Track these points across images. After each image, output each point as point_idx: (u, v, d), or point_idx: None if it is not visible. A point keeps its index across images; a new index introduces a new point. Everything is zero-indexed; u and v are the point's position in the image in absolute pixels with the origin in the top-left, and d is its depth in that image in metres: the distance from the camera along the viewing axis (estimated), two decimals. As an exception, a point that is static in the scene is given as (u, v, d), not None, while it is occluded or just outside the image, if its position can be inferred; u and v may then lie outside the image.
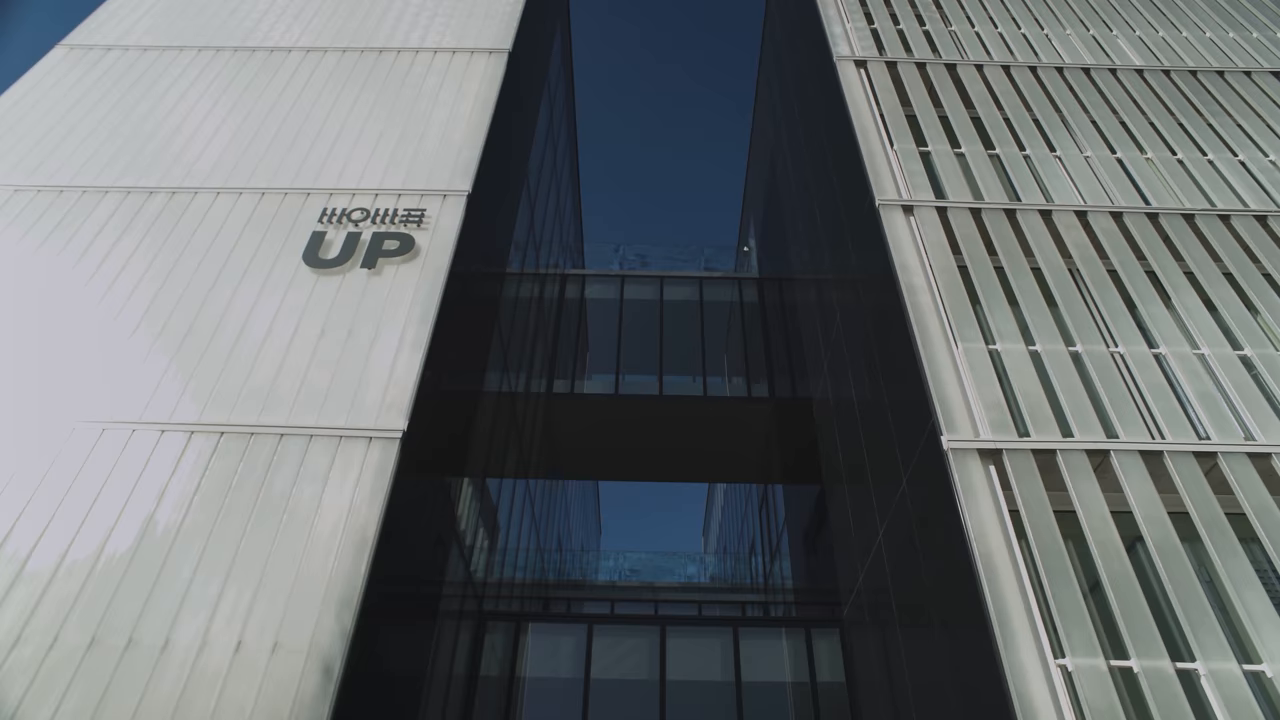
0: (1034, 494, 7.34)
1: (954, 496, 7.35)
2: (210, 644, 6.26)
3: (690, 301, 21.54)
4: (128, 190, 10.40)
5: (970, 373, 8.33)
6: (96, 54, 12.86)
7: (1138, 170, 10.84)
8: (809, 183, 14.57)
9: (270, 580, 6.66)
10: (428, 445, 8.83)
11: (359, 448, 7.64)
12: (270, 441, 7.70)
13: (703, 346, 20.36)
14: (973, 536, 7.00)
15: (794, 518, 18.41)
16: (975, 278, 9.36)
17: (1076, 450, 7.64)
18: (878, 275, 10.12)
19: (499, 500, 14.07)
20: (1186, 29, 13.82)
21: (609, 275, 21.93)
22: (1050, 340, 8.71)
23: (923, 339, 8.65)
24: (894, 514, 9.11)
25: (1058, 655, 6.34)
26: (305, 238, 9.71)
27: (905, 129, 11.45)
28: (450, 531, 10.06)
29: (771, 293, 21.08)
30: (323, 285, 9.23)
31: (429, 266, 9.40)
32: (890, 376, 9.60)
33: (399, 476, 7.53)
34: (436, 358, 8.82)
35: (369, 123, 11.54)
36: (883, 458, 9.63)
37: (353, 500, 7.20)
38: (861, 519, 10.46)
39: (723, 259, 23.00)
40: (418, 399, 8.11)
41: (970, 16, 13.98)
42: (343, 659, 6.11)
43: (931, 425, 8.01)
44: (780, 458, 18.54)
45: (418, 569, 8.77)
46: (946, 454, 7.65)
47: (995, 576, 6.76)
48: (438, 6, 14.14)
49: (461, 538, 10.80)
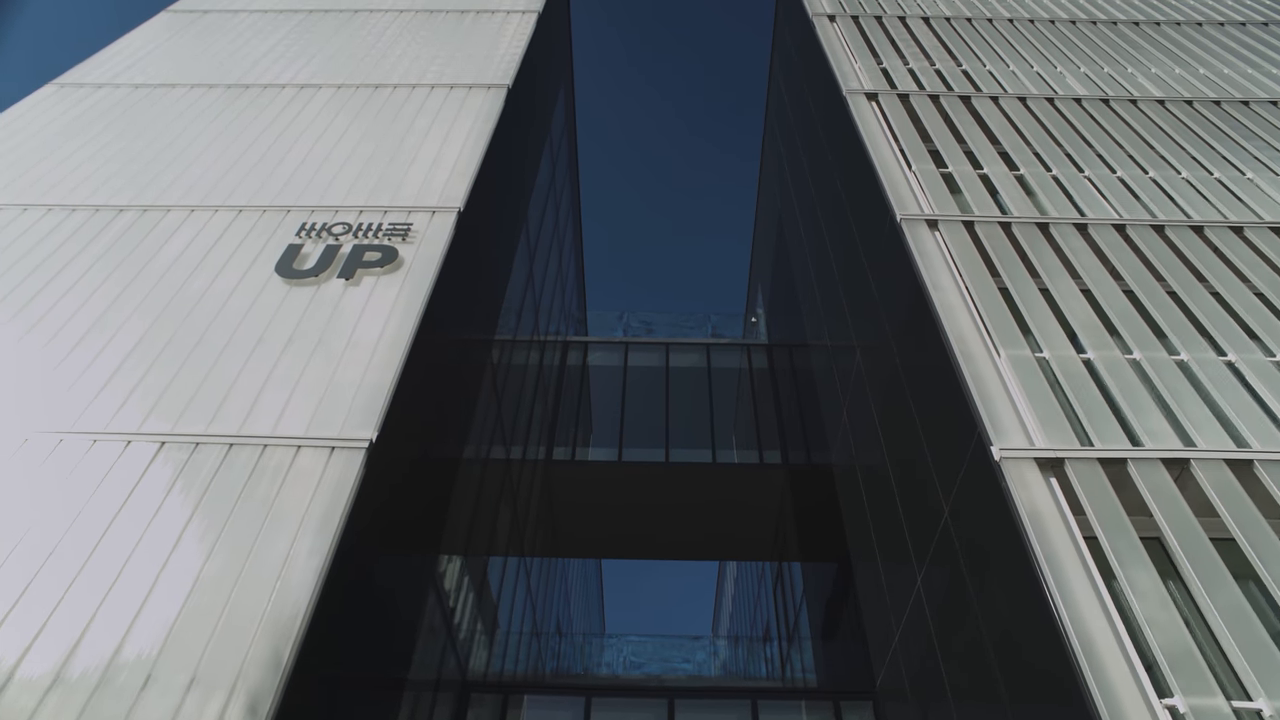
0: (1110, 512, 6.20)
1: (1012, 517, 6.22)
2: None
3: (697, 368, 20.67)
4: (96, 208, 9.75)
5: (1017, 380, 7.35)
6: (86, 90, 12.55)
7: (1175, 188, 10.15)
8: (820, 219, 13.93)
9: (192, 611, 5.51)
10: (404, 499, 7.79)
11: (318, 459, 6.60)
12: (217, 452, 6.67)
13: (711, 415, 19.35)
14: (1045, 568, 5.80)
15: (813, 595, 16.90)
16: (1013, 287, 8.50)
17: (1150, 459, 6.56)
18: (902, 294, 9.27)
19: (489, 574, 12.77)
20: (1204, 66, 13.48)
21: (612, 342, 21.16)
22: (1104, 348, 7.76)
23: (960, 348, 7.70)
24: (935, 551, 7.91)
25: (1164, 695, 5.09)
26: (280, 250, 8.96)
27: (923, 152, 10.87)
28: (431, 599, 8.83)
29: (782, 359, 20.23)
30: (295, 296, 8.40)
31: (412, 279, 8.60)
32: (922, 396, 8.59)
33: (364, 492, 6.46)
34: (416, 375, 7.88)
35: (358, 148, 11.01)
36: (917, 490, 8.50)
37: (297, 535, 6.10)
38: (894, 567, 9.21)
39: (730, 326, 22.28)
40: (391, 412, 7.12)
41: (980, 56, 13.70)
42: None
43: (977, 437, 6.96)
44: (796, 529, 17.19)
45: (387, 627, 7.54)
46: (998, 465, 6.58)
47: (1080, 619, 5.50)
48: (438, 51, 13.94)
49: (448, 610, 9.55)
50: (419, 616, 8.36)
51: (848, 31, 14.56)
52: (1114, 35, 14.66)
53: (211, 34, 14.58)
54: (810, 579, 17.80)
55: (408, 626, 8.00)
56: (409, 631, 8.03)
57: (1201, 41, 14.46)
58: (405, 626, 7.96)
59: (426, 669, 8.69)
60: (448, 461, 9.55)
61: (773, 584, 19.65)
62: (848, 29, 14.66)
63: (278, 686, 4.94)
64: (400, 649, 7.83)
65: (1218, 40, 14.52)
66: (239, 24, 15.02)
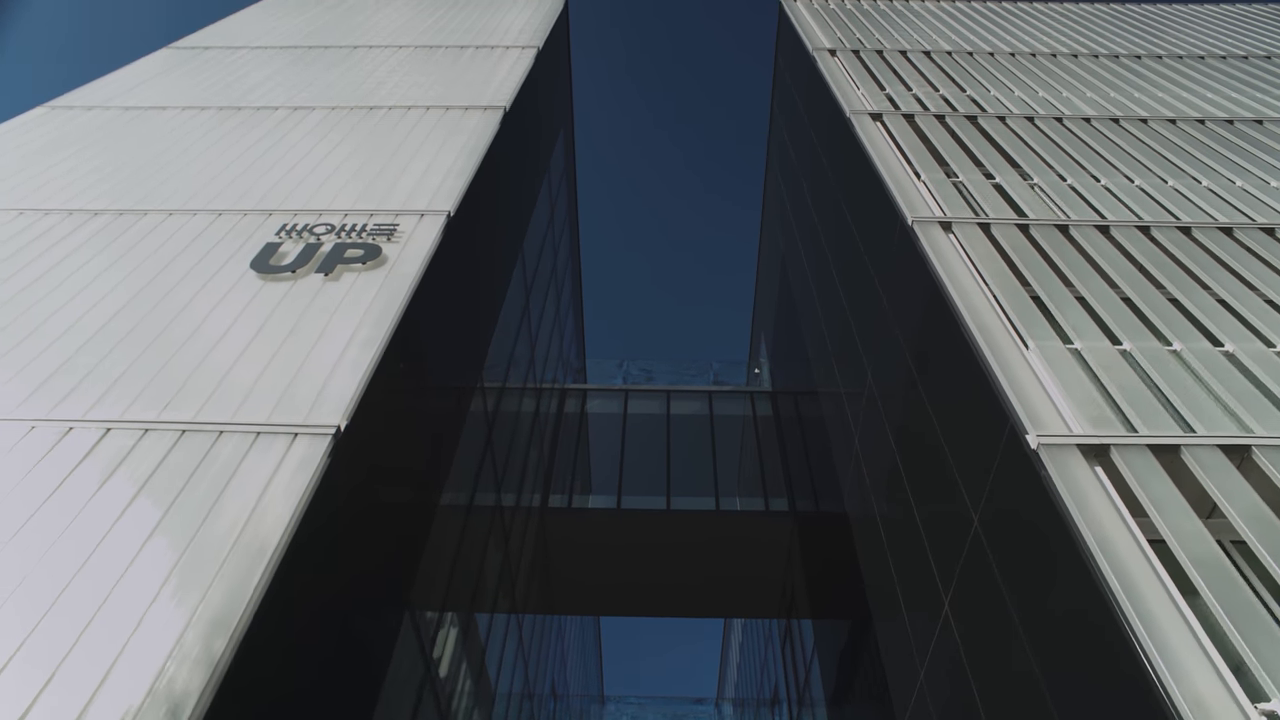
0: (1172, 502, 5.47)
1: (1056, 510, 5.49)
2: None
3: (699, 416, 19.98)
4: (69, 211, 9.32)
5: (1049, 369, 6.71)
6: (76, 112, 12.32)
7: (1199, 195, 9.72)
8: (824, 244, 13.49)
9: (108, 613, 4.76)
10: (382, 514, 7.07)
11: (277, 446, 5.93)
12: (167, 439, 6.00)
13: (714, 463, 18.57)
14: (1101, 561, 5.04)
15: (825, 651, 15.75)
16: (1036, 283, 7.96)
17: (1208, 446, 5.87)
18: (916, 297, 8.72)
19: (477, 627, 11.82)
20: (1212, 91, 13.28)
21: (611, 390, 20.52)
22: (1142, 339, 7.15)
23: (984, 339, 7.10)
24: (964, 568, 7.11)
25: (1258, 700, 4.30)
26: (257, 248, 8.47)
27: (932, 163, 10.50)
28: (407, 648, 7.98)
29: (787, 406, 19.53)
30: (269, 290, 7.85)
31: (396, 274, 8.07)
32: (943, 398, 7.93)
33: (329, 481, 5.76)
34: (394, 370, 7.26)
35: (348, 160, 10.67)
36: (940, 503, 7.75)
37: (256, 507, 5.40)
38: (917, 594, 8.36)
39: (733, 374, 21.68)
40: (365, 400, 6.48)
41: (984, 83, 13.53)
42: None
43: (1010, 428, 6.29)
44: (805, 579, 16.18)
45: (347, 676, 6.71)
46: (1036, 454, 5.89)
47: (1149, 615, 4.70)
48: (435, 80, 13.81)
49: (431, 664, 8.67)
50: (391, 668, 7.46)
51: (849, 63, 14.46)
52: (1118, 67, 14.55)
53: (209, 67, 14.50)
54: (822, 635, 16.67)
55: (373, 680, 7.11)
56: (374, 686, 7.12)
57: (1206, 72, 14.33)
58: (370, 680, 7.08)
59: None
60: (431, 483, 8.82)
61: (781, 642, 18.46)
62: (849, 61, 14.57)
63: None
64: (370, 708, 6.94)
65: (1222, 70, 14.40)
66: (237, 58, 14.97)
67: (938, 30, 16.52)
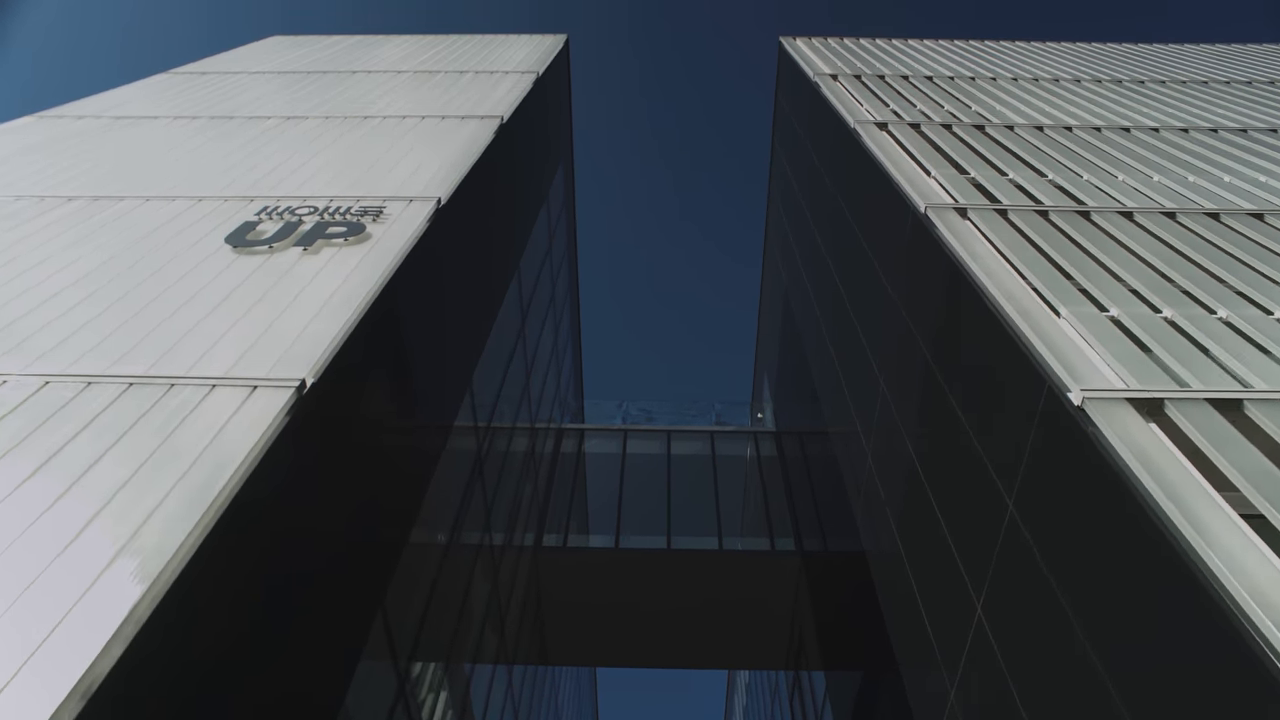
0: (1247, 458, 4.80)
1: (1112, 469, 4.84)
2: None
3: (701, 456, 19.23)
4: (40, 198, 8.89)
5: (1086, 331, 6.14)
6: (66, 121, 12.05)
7: (1225, 187, 9.32)
8: (829, 259, 13.03)
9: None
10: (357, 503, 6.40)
11: (234, 397, 5.31)
12: (112, 390, 5.39)
13: (716, 503, 17.75)
14: (1189, 534, 4.35)
15: (837, 700, 14.63)
16: (1062, 258, 7.45)
17: (1274, 400, 5.25)
18: (933, 282, 8.20)
19: (464, 677, 10.89)
20: (1221, 106, 13.07)
21: (610, 430, 19.82)
22: (1183, 306, 6.60)
23: (1013, 306, 6.54)
24: (1000, 558, 6.38)
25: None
26: (234, 227, 8.00)
27: (941, 161, 10.15)
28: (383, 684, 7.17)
29: (792, 446, 18.79)
30: (243, 261, 7.34)
31: (380, 249, 7.56)
32: (968, 380, 7.30)
33: (289, 439, 5.11)
34: (371, 332, 6.69)
35: (338, 159, 10.31)
36: (966, 491, 7.04)
37: (199, 459, 4.75)
38: (942, 600, 7.56)
39: (736, 415, 21.00)
40: (339, 360, 5.88)
41: (989, 100, 13.34)
42: None
43: (1048, 390, 5.67)
44: (814, 623, 15.17)
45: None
46: (1081, 411, 5.26)
47: (1241, 570, 4.02)
48: (432, 96, 13.63)
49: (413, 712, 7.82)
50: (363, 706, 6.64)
51: (851, 86, 14.33)
52: (1121, 90, 14.41)
53: (205, 87, 14.37)
54: (834, 686, 15.55)
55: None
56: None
57: (1211, 94, 14.18)
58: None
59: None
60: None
61: (789, 695, 17.28)
62: (851, 85, 14.45)
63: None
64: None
65: (1228, 93, 14.26)
66: (234, 80, 14.86)
67: (937, 60, 16.52)
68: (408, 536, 7.85)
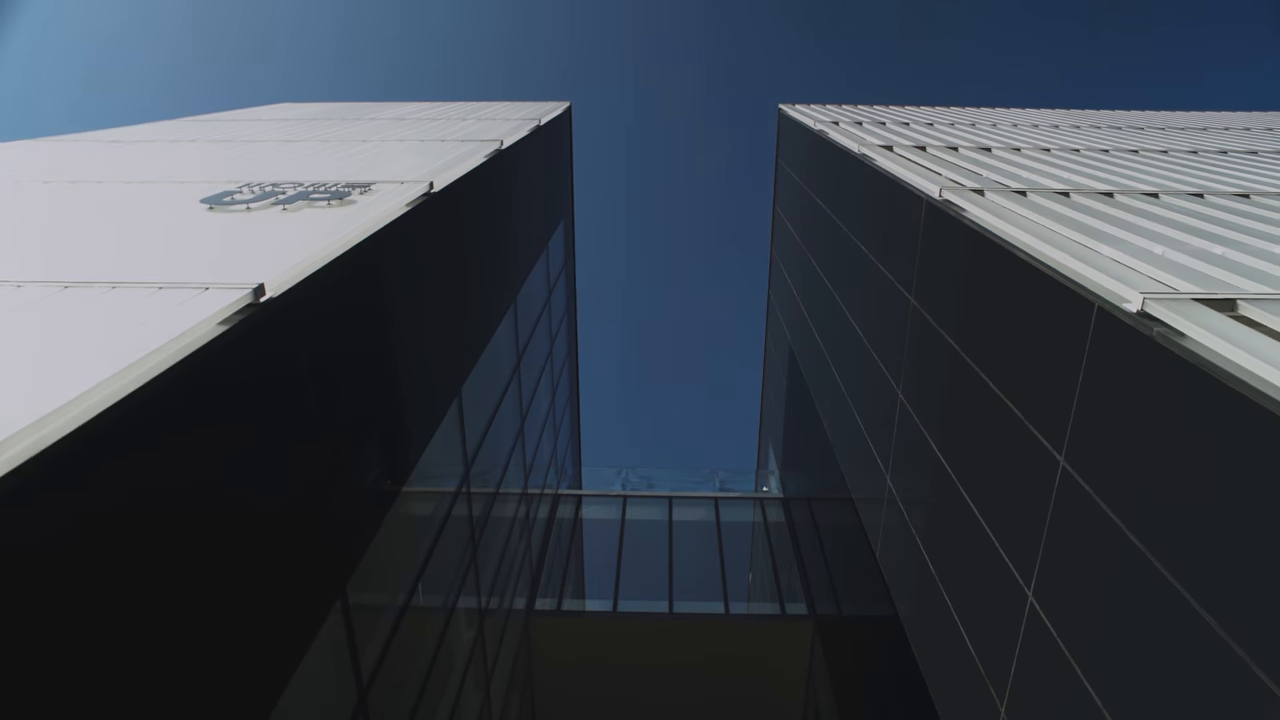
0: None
1: (1198, 370, 4.16)
2: None
3: (705, 522, 18.19)
4: (15, 182, 8.54)
5: (1131, 257, 5.59)
6: (62, 144, 11.93)
7: (1246, 175, 8.98)
8: (835, 288, 12.55)
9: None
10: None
11: (182, 294, 4.71)
12: (46, 289, 4.79)
13: (722, 568, 16.62)
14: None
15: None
16: (1090, 221, 6.98)
17: (1357, 301, 4.63)
18: (952, 258, 7.70)
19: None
20: (1230, 137, 12.97)
21: (609, 495, 18.86)
22: (1235, 246, 6.07)
23: (1044, 250, 6.01)
24: (1054, 520, 5.57)
25: None
26: (213, 194, 7.58)
27: (952, 165, 9.87)
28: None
29: (800, 513, 17.80)
30: (218, 217, 6.87)
31: (365, 211, 7.11)
32: (999, 341, 6.64)
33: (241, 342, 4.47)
34: (343, 278, 6.12)
35: (329, 162, 10.05)
36: (1001, 474, 6.26)
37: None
38: (981, 602, 6.62)
39: (740, 482, 20.06)
40: (310, 282, 5.30)
41: (994, 135, 13.28)
42: None
43: (1098, 310, 5.05)
44: (831, 694, 13.79)
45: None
46: (1144, 315, 4.64)
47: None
48: (435, 129, 13.59)
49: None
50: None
51: (852, 129, 14.35)
52: (1123, 130, 14.42)
53: (211, 125, 14.41)
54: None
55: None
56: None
57: (1216, 134, 14.17)
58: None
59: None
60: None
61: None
62: (852, 128, 14.48)
63: None
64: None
65: (1232, 135, 14.24)
66: (242, 121, 14.94)
67: (936, 115, 16.70)
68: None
